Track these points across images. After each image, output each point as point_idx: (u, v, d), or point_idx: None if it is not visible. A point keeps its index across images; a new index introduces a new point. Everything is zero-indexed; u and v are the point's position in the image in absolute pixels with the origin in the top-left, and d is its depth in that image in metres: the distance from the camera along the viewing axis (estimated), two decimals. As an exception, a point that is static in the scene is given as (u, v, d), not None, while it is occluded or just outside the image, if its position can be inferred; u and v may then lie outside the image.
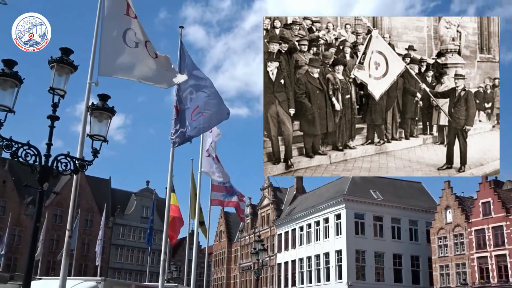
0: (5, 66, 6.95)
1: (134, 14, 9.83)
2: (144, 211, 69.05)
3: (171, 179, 13.35)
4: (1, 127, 6.77)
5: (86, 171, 8.41)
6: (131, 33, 9.67)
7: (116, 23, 9.72)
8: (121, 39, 9.59)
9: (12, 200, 60.03)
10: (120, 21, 9.72)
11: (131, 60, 9.62)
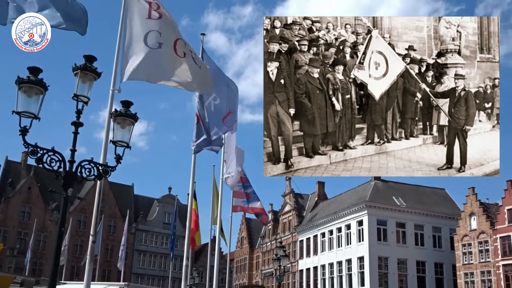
0: (31, 73, 7.07)
1: (158, 15, 9.80)
2: (166, 217, 69.43)
3: (193, 186, 13.42)
4: (27, 133, 6.90)
5: (110, 177, 8.50)
6: (154, 34, 9.64)
7: (138, 29, 9.76)
8: (142, 42, 9.61)
9: (37, 206, 60.93)
10: (142, 26, 9.76)
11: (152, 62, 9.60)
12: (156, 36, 9.59)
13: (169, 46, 9.61)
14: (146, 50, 9.52)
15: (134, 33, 9.72)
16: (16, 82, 6.98)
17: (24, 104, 6.97)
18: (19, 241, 58.70)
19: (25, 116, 6.94)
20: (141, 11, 9.82)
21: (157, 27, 9.65)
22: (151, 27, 9.64)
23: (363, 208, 48.72)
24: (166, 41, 9.61)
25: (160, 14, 9.72)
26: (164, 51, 9.59)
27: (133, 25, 9.77)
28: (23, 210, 60.64)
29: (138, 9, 9.88)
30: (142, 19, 9.77)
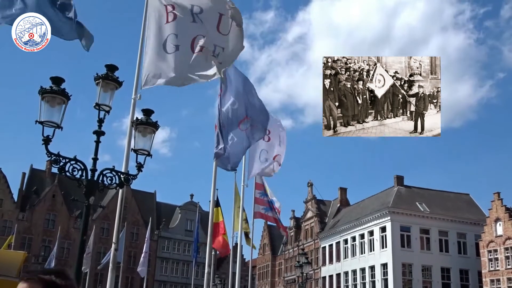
0: (53, 83, 7.17)
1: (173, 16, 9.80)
2: (188, 224, 69.67)
3: (214, 192, 13.43)
4: (50, 142, 6.99)
5: (132, 185, 8.56)
6: (171, 38, 9.68)
7: (157, 36, 9.84)
8: (162, 49, 9.69)
9: (61, 214, 61.70)
10: (160, 33, 9.83)
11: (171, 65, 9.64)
12: (173, 39, 9.62)
13: (187, 46, 9.63)
14: (165, 56, 9.61)
15: (154, 40, 9.81)
16: (39, 92, 7.08)
17: (47, 113, 7.06)
18: (44, 249, 59.45)
19: (48, 126, 7.03)
20: (159, 18, 9.90)
21: (174, 29, 9.66)
22: (168, 31, 9.69)
23: (386, 214, 48.26)
24: (183, 41, 9.63)
25: (175, 15, 9.72)
26: (181, 53, 9.63)
27: (152, 33, 9.87)
28: (47, 217, 61.47)
29: (157, 16, 9.97)
30: (161, 25, 9.84)
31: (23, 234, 57.98)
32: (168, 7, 9.84)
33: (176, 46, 9.60)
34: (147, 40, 9.89)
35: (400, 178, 53.47)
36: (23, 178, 63.05)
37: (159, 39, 9.80)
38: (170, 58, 9.60)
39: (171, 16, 9.78)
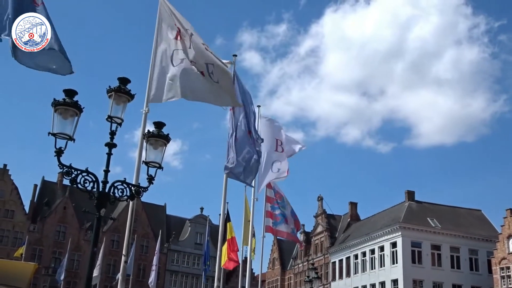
0: (66, 96, 7.23)
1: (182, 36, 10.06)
2: (198, 238, 69.55)
3: (224, 206, 13.43)
4: (62, 154, 7.03)
5: (142, 197, 8.58)
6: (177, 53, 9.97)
7: (166, 49, 10.07)
8: (170, 63, 9.92)
9: (72, 226, 61.90)
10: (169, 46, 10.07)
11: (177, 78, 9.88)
12: (180, 53, 9.92)
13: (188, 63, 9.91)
14: (172, 70, 9.83)
15: (163, 56, 10.02)
16: (52, 104, 7.14)
17: (59, 125, 7.12)
18: (54, 260, 59.59)
19: (60, 138, 7.09)
20: (170, 33, 10.11)
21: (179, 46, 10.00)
22: (177, 46, 9.96)
23: (397, 229, 47.90)
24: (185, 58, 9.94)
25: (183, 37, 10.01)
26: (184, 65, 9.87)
27: (162, 49, 10.08)
28: (58, 229, 61.70)
29: (169, 31, 10.16)
30: (170, 39, 10.06)
31: (33, 246, 58.19)
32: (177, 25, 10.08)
33: (181, 60, 9.87)
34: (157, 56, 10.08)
35: (411, 193, 53.13)
36: (34, 190, 63.44)
37: (168, 54, 10.01)
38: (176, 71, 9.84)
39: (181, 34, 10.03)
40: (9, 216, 59.97)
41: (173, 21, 10.19)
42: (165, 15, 10.39)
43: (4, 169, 61.49)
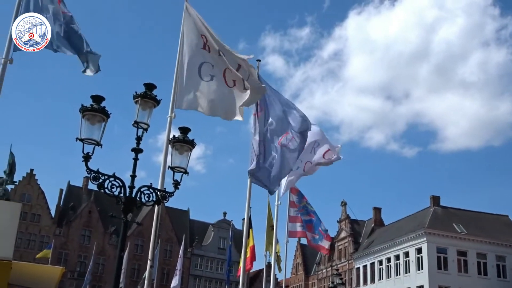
0: (94, 102, 7.32)
1: (209, 48, 10.11)
2: (221, 242, 69.69)
3: (248, 211, 13.42)
4: (89, 160, 7.12)
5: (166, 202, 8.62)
6: (207, 66, 9.97)
7: (193, 58, 10.10)
8: (196, 73, 9.93)
9: (97, 230, 62.61)
10: (196, 55, 10.09)
11: (205, 94, 9.92)
12: (209, 68, 9.95)
13: (220, 78, 9.92)
14: (200, 82, 9.88)
15: (189, 62, 10.06)
16: (80, 110, 7.24)
17: (87, 131, 7.21)
18: (79, 264, 60.33)
19: (88, 143, 7.18)
20: (197, 42, 10.16)
21: (210, 59, 10.00)
22: (205, 58, 10.00)
23: (422, 235, 47.31)
24: (218, 73, 9.94)
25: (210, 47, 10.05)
26: (216, 83, 9.91)
27: (188, 55, 10.12)
28: (83, 233, 62.46)
29: (194, 39, 10.22)
30: (197, 49, 10.10)
31: (59, 250, 58.96)
32: (207, 37, 10.13)
33: (211, 76, 9.91)
34: (183, 61, 10.13)
35: (437, 198, 52.46)
36: (60, 194, 64.39)
37: (195, 62, 10.05)
38: (206, 87, 9.89)
39: (208, 46, 10.07)
40: (35, 220, 60.92)
41: (199, 29, 10.23)
42: (190, 22, 10.45)
43: (30, 173, 62.51)
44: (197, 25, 10.29)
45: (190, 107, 9.99)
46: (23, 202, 56.31)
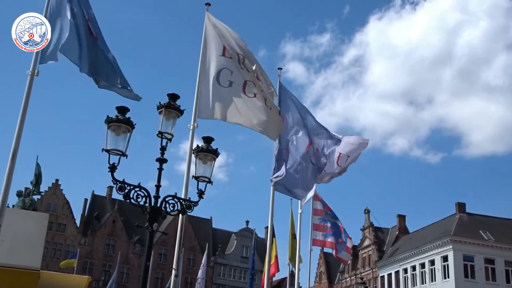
0: (119, 113, 7.42)
1: (230, 54, 10.16)
2: (244, 251, 69.64)
3: (271, 220, 13.40)
4: (115, 170, 7.20)
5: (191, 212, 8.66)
6: (226, 72, 10.00)
7: (212, 65, 10.17)
8: (215, 80, 9.99)
9: (120, 239, 63.09)
10: (215, 63, 10.16)
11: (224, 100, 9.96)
12: (228, 74, 9.96)
13: (239, 86, 9.95)
14: (220, 89, 9.91)
15: (208, 70, 10.13)
16: (105, 121, 7.34)
17: (112, 142, 7.31)
18: (104, 273, 60.80)
19: (113, 154, 7.26)
20: (216, 49, 10.23)
21: (229, 65, 10.02)
22: (224, 64, 10.03)
23: (448, 242, 46.62)
24: (236, 80, 9.96)
25: (230, 55, 10.09)
26: (234, 90, 9.93)
27: (208, 62, 10.20)
28: (107, 242, 63.00)
29: (214, 47, 10.29)
30: (216, 56, 10.17)
31: (84, 259, 59.53)
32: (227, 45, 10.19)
33: (230, 82, 9.92)
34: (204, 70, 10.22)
35: (462, 205, 51.70)
36: (85, 204, 65.10)
37: (214, 70, 10.12)
38: (223, 92, 9.91)
39: (229, 53, 10.12)
40: (61, 229, 61.65)
41: (221, 37, 10.31)
42: (210, 31, 10.54)
43: (56, 184, 63.40)
44: (218, 33, 10.37)
45: (211, 117, 10.04)
46: (49, 212, 57.03)
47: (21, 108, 8.13)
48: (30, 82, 8.30)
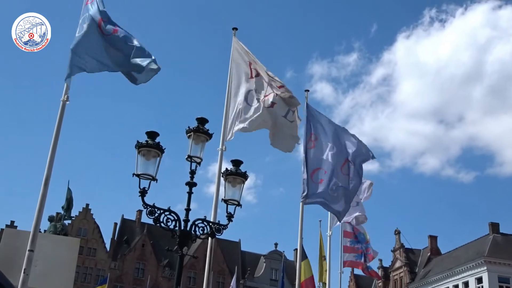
0: (149, 138, 7.52)
1: (256, 73, 10.36)
2: (273, 274, 69.00)
3: (301, 241, 13.30)
4: (146, 194, 7.27)
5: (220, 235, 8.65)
6: (253, 93, 10.34)
7: (241, 89, 10.39)
8: (245, 101, 10.22)
9: (150, 263, 63.20)
10: (244, 85, 10.41)
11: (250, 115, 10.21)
12: (255, 94, 10.25)
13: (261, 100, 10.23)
14: (248, 108, 10.10)
15: (237, 94, 10.31)
16: (135, 146, 7.45)
17: (143, 166, 7.39)
18: (134, 297, 60.87)
19: (144, 178, 7.34)
20: (244, 73, 10.41)
21: (254, 85, 10.28)
22: (253, 86, 10.30)
23: (482, 264, 45.47)
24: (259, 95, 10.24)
25: (258, 72, 10.34)
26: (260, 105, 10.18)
27: (236, 87, 10.39)
28: (137, 266, 63.15)
29: (243, 71, 10.45)
30: (246, 79, 10.34)
31: (114, 283, 59.73)
32: (252, 64, 10.37)
33: (257, 100, 10.15)
34: (232, 94, 10.38)
35: (496, 225, 50.49)
36: (114, 228, 65.59)
37: (243, 91, 10.27)
38: (251, 110, 10.11)
39: (254, 72, 10.31)
40: (91, 254, 62.14)
41: (247, 60, 10.46)
42: (237, 56, 10.67)
43: (86, 208, 64.13)
44: (244, 57, 10.53)
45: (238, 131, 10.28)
46: (79, 236, 57.62)
47: (53, 135, 8.29)
48: (62, 109, 8.46)
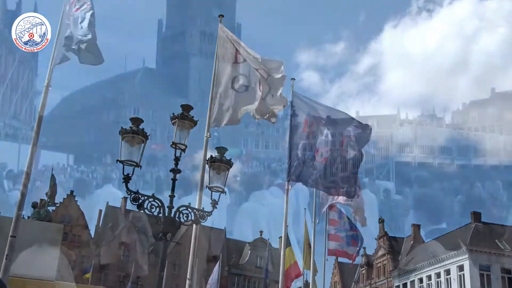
0: (133, 124, 7.47)
1: (242, 59, 10.30)
2: (258, 261, 69.32)
3: (285, 229, 13.37)
4: (129, 181, 7.24)
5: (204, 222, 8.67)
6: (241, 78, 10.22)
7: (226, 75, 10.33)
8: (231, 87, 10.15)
9: (135, 250, 63.11)
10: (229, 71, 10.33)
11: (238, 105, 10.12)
12: (243, 79, 10.14)
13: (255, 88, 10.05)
14: (234, 94, 10.04)
15: (222, 81, 10.26)
16: (119, 132, 7.40)
17: (126, 153, 7.35)
18: (119, 284, 60.78)
19: (128, 164, 7.31)
20: (228, 58, 10.37)
21: (243, 70, 10.19)
22: (238, 71, 10.20)
23: (464, 252, 46.09)
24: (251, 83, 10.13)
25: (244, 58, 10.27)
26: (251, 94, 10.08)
27: (221, 73, 10.33)
28: (122, 253, 63.02)
29: (227, 57, 10.42)
30: (230, 64, 10.31)
31: (99, 270, 59.54)
32: (239, 49, 10.33)
33: (246, 87, 10.06)
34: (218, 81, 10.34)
35: (477, 215, 51.13)
36: (99, 215, 65.38)
37: (229, 78, 10.25)
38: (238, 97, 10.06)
39: (241, 57, 10.26)
40: (76, 240, 61.85)
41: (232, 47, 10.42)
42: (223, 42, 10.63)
43: (71, 195, 63.77)
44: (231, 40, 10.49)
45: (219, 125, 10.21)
46: (63, 223, 57.32)
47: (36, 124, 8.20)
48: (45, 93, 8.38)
